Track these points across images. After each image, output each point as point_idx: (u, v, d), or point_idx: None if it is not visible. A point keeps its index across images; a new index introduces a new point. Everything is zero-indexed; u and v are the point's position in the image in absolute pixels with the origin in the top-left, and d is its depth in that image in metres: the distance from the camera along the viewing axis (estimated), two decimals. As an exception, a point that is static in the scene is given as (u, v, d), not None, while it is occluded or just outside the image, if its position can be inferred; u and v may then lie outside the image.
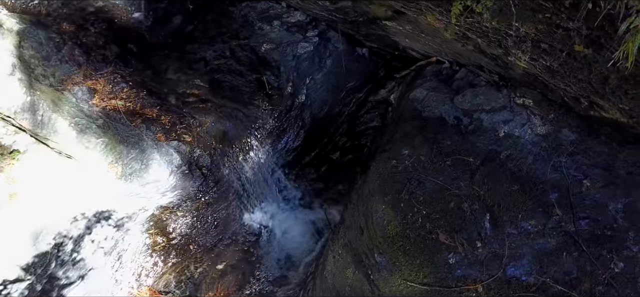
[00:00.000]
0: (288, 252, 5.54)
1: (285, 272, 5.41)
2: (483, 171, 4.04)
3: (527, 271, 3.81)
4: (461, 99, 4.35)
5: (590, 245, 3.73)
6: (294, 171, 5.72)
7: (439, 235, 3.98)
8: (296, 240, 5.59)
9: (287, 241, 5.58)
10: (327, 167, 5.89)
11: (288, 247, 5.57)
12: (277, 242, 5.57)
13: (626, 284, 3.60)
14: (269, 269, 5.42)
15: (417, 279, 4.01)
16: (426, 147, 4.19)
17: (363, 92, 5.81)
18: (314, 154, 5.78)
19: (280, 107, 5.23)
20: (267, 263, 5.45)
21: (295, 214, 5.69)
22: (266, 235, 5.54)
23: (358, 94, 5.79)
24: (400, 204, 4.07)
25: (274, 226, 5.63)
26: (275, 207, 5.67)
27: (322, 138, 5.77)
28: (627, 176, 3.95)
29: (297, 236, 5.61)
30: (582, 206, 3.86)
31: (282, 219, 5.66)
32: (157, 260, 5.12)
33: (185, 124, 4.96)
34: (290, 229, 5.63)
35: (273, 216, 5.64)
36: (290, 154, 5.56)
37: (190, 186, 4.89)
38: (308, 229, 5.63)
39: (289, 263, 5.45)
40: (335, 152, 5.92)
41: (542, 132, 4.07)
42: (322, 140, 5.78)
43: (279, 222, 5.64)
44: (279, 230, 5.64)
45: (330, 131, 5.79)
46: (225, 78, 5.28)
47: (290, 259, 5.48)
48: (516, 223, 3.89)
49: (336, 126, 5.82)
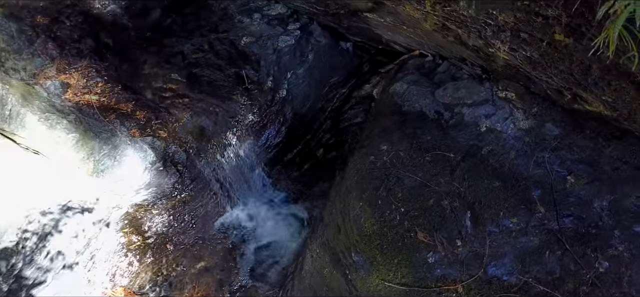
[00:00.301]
0: (269, 251, 5.39)
1: (266, 272, 5.26)
2: (464, 167, 3.89)
3: (509, 271, 3.67)
4: (442, 92, 4.20)
5: (574, 244, 3.59)
6: (275, 168, 5.56)
7: (417, 233, 3.84)
8: (277, 239, 5.44)
9: (268, 239, 5.43)
10: (310, 165, 5.74)
11: (269, 246, 5.42)
12: (258, 241, 5.42)
13: (611, 284, 3.46)
14: (249, 268, 5.27)
15: (395, 279, 3.86)
16: (405, 143, 4.04)
17: (347, 87, 5.66)
18: (297, 151, 5.63)
19: (260, 102, 5.08)
20: (247, 262, 5.30)
21: (276, 213, 5.54)
22: (246, 234, 5.39)
23: (342, 89, 5.64)
24: (378, 201, 3.92)
25: (255, 225, 5.49)
26: (256, 205, 5.52)
27: (305, 134, 5.61)
28: (613, 171, 3.80)
29: (278, 234, 5.46)
30: (565, 203, 3.72)
31: (263, 218, 5.51)
32: (133, 259, 4.98)
33: (161, 120, 4.81)
34: (272, 228, 5.48)
35: (254, 214, 5.50)
36: (272, 150, 5.41)
37: (165, 183, 4.74)
38: (290, 228, 5.49)
39: (270, 262, 5.31)
40: (318, 149, 5.77)
41: (525, 127, 3.92)
42: (305, 137, 5.63)
43: (259, 220, 5.49)
44: (260, 229, 5.49)
45: (314, 127, 5.63)
46: (203, 72, 5.13)
47: (271, 258, 5.34)
48: (498, 221, 3.75)
49: (319, 122, 5.67)
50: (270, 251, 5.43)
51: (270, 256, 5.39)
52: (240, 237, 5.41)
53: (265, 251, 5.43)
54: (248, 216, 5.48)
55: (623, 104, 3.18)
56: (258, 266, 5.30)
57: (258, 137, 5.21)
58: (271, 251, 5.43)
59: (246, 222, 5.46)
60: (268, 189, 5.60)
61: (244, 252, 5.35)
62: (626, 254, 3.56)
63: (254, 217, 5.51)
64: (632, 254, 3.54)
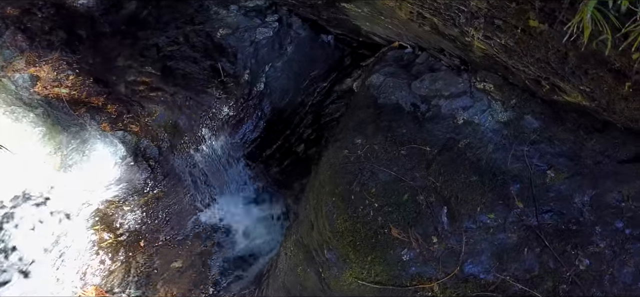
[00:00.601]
0: (246, 249, 5.25)
1: (243, 270, 5.11)
2: (440, 161, 3.74)
3: (486, 269, 3.53)
4: (419, 84, 4.06)
5: (553, 240, 3.44)
6: (254, 164, 5.42)
7: (391, 229, 3.69)
8: (255, 236, 5.30)
9: (245, 237, 5.29)
10: (291, 161, 5.60)
11: (246, 244, 5.28)
12: (235, 239, 5.28)
13: (592, 282, 3.31)
14: (226, 266, 5.13)
15: (368, 277, 3.72)
16: (380, 136, 3.90)
17: (328, 81, 5.52)
18: (277, 146, 5.48)
19: (236, 95, 4.94)
20: (224, 261, 5.16)
21: (254, 210, 5.40)
22: (223, 231, 5.25)
23: (322, 83, 5.50)
24: (351, 196, 3.78)
25: (232, 222, 5.34)
26: (234, 202, 5.37)
27: (285, 130, 5.47)
28: (595, 165, 3.66)
29: (256, 232, 5.32)
30: (545, 198, 3.57)
31: (241, 215, 5.36)
32: (105, 258, 4.83)
33: (133, 114, 4.68)
34: (249, 225, 5.33)
35: (231, 212, 5.35)
36: (250, 146, 5.27)
37: (136, 179, 4.60)
38: (268, 226, 5.34)
39: (247, 260, 5.16)
40: (299, 144, 5.62)
41: (503, 119, 3.78)
42: (285, 132, 5.48)
43: (237, 218, 5.35)
44: (237, 226, 5.35)
45: (294, 122, 5.49)
46: (178, 65, 4.99)
47: (249, 256, 5.19)
48: (474, 217, 3.60)
49: (300, 117, 5.52)
50: (247, 250, 5.29)
51: (248, 254, 5.24)
52: (216, 235, 5.26)
53: (243, 249, 5.29)
54: (225, 213, 5.34)
55: (601, 94, 3.04)
56: (235, 265, 5.15)
57: (235, 132, 5.06)
58: (248, 250, 5.28)
59: (223, 220, 5.31)
60: (246, 186, 5.45)
61: (222, 250, 5.20)
62: (608, 251, 3.40)
63: (231, 214, 5.36)
64: (614, 251, 3.40)
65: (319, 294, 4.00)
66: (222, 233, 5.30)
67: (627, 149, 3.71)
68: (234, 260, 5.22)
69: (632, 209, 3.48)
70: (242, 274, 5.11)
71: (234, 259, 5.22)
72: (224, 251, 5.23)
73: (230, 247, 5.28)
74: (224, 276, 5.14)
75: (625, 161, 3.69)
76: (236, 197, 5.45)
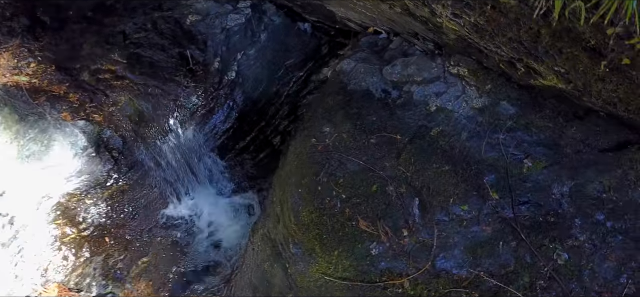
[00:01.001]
0: (217, 245, 5.04)
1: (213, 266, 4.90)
2: (411, 150, 3.54)
3: (459, 263, 3.33)
4: (390, 69, 3.85)
5: (530, 233, 3.25)
6: (226, 157, 5.20)
7: (359, 222, 3.48)
8: (226, 232, 5.08)
9: (217, 232, 5.07)
10: (266, 154, 5.39)
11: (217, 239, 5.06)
12: (206, 234, 5.07)
13: (571, 277, 3.13)
14: (195, 263, 4.92)
15: (335, 272, 3.51)
16: (349, 124, 3.69)
17: (304, 70, 5.30)
18: (251, 138, 5.27)
19: (205, 84, 4.72)
20: (194, 257, 4.95)
21: (226, 204, 5.19)
22: (194, 226, 5.03)
23: (298, 72, 5.28)
24: (318, 187, 3.57)
25: (203, 217, 5.13)
26: (205, 196, 5.16)
27: (260, 121, 5.26)
28: (575, 155, 3.46)
29: (227, 227, 5.11)
30: (522, 188, 3.38)
31: (212, 209, 5.15)
32: (68, 253, 4.61)
33: (97, 103, 4.46)
34: (221, 220, 5.12)
35: (201, 206, 5.13)
36: (221, 137, 5.05)
37: (98, 171, 4.38)
38: (241, 221, 5.13)
39: (218, 256, 4.95)
40: (275, 136, 5.41)
41: (478, 105, 3.57)
42: (260, 124, 5.27)
43: (208, 212, 5.13)
44: (209, 221, 5.13)
45: (269, 113, 5.28)
46: (145, 53, 4.77)
47: (219, 251, 4.98)
48: (447, 208, 3.40)
49: (275, 108, 5.31)
50: (218, 245, 5.07)
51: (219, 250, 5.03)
52: (186, 230, 5.05)
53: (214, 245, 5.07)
54: (195, 208, 5.12)
55: (577, 75, 2.84)
56: (205, 261, 4.94)
57: (204, 122, 4.84)
58: (220, 245, 5.07)
59: (193, 214, 5.10)
60: (218, 179, 5.23)
61: (192, 246, 4.99)
62: (587, 244, 3.21)
63: (202, 209, 5.15)
64: (594, 244, 3.21)
65: (286, 291, 3.78)
66: (192, 228, 5.09)
67: (609, 137, 3.52)
68: (205, 256, 5.01)
69: (614, 200, 3.29)
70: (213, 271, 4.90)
71: (204, 256, 5.01)
72: (195, 247, 5.02)
73: (201, 243, 5.06)
74: (194, 272, 4.93)
75: (607, 149, 3.51)
76: (208, 190, 5.23)
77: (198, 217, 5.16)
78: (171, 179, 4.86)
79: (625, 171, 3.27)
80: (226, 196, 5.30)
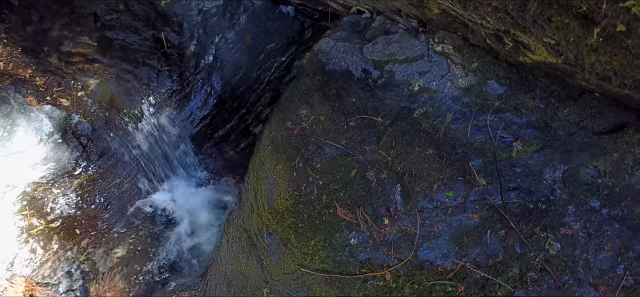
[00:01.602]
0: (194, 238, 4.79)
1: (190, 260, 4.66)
2: (392, 133, 3.30)
3: (444, 254, 3.11)
4: (371, 48, 3.61)
5: (520, 222, 3.03)
6: (205, 146, 4.96)
7: (337, 209, 3.24)
8: (204, 224, 4.84)
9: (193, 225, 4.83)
10: (247, 143, 5.14)
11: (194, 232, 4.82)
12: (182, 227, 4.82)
13: (564, 268, 2.93)
14: (171, 257, 4.68)
15: (312, 264, 3.27)
16: (327, 106, 3.45)
17: (287, 55, 5.06)
18: (230, 126, 5.02)
19: (180, 68, 4.48)
20: (170, 250, 4.71)
21: (204, 195, 4.95)
22: (170, 219, 4.79)
23: (281, 57, 5.04)
24: (293, 173, 3.33)
25: (180, 209, 4.88)
26: (181, 186, 4.91)
27: (240, 108, 5.01)
28: (568, 137, 3.23)
29: (205, 220, 4.86)
30: (511, 174, 3.16)
31: (189, 201, 4.90)
32: (36, 246, 4.37)
33: (64, 87, 4.22)
34: (198, 213, 4.88)
35: (178, 197, 4.89)
36: (198, 125, 4.81)
37: (65, 158, 4.14)
38: (219, 213, 4.88)
39: (194, 250, 4.71)
40: (256, 125, 5.17)
41: (464, 85, 3.34)
42: (240, 111, 5.03)
43: (185, 204, 4.89)
44: (185, 213, 4.89)
45: (250, 100, 5.04)
46: (117, 35, 4.53)
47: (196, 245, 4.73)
48: (431, 195, 3.17)
49: (257, 95, 5.07)
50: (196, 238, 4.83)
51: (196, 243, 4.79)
52: (162, 223, 4.80)
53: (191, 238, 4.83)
54: (172, 199, 4.87)
55: (568, 46, 2.60)
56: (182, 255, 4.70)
57: (180, 109, 4.60)
58: (197, 238, 4.82)
59: (170, 206, 4.85)
60: (196, 169, 4.99)
61: (167, 240, 4.74)
62: (581, 233, 3.00)
63: (179, 200, 4.90)
64: (588, 233, 2.99)
65: (261, 285, 3.55)
66: (168, 220, 4.85)
67: (604, 119, 3.28)
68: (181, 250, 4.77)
69: (609, 186, 3.06)
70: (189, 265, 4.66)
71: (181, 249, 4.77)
72: (171, 240, 4.78)
73: (177, 236, 4.82)
74: (169, 266, 4.69)
75: (602, 132, 3.28)
76: (185, 181, 4.99)
77: (174, 209, 4.92)
78: (146, 168, 4.62)
79: (622, 154, 3.04)
80: (204, 187, 5.06)
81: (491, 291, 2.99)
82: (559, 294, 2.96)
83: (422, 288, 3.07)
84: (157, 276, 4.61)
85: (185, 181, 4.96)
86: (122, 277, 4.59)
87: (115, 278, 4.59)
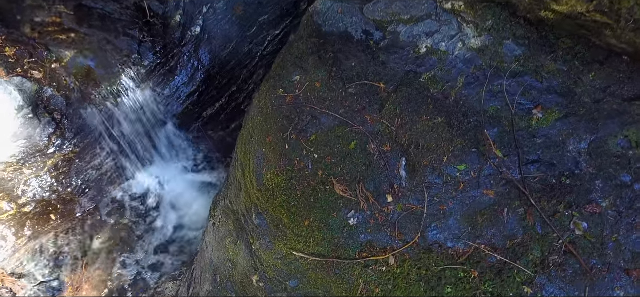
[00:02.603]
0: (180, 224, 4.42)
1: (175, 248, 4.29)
2: (396, 100, 2.93)
3: (455, 235, 2.77)
4: (373, 7, 3.24)
5: (541, 198, 2.69)
6: (193, 125, 4.59)
7: (334, 186, 2.87)
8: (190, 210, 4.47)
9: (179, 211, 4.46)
10: (238, 123, 4.78)
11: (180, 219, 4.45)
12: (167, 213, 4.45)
13: (591, 251, 2.60)
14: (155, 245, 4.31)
15: (307, 248, 2.91)
16: (323, 71, 3.09)
17: (281, 28, 4.69)
18: (220, 105, 4.65)
19: (165, 39, 4.12)
20: (154, 238, 4.33)
21: (191, 180, 4.57)
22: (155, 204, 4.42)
23: (274, 30, 4.68)
24: (285, 145, 2.97)
25: (166, 193, 4.51)
26: (166, 170, 4.55)
27: (230, 86, 4.65)
28: (594, 104, 2.88)
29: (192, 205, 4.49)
30: (531, 145, 2.82)
31: (177, 185, 4.53)
32: (7, 233, 4.01)
33: (37, 58, 3.86)
34: (185, 198, 4.51)
35: (164, 181, 4.52)
36: (185, 102, 4.45)
37: (37, 135, 3.77)
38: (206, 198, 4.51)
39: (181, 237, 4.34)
40: (248, 104, 4.78)
41: (477, 46, 2.97)
42: (230, 89, 4.66)
43: (172, 188, 4.52)
44: (170, 198, 4.52)
45: (241, 77, 4.67)
46: (95, 3, 4.17)
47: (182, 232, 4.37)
48: (440, 169, 2.81)
49: (248, 71, 4.70)
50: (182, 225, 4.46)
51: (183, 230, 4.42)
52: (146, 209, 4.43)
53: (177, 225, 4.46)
54: (157, 183, 4.51)
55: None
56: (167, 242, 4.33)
57: (165, 84, 4.23)
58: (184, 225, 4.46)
59: (154, 191, 4.49)
60: (183, 151, 4.62)
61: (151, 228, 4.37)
62: (611, 211, 2.63)
63: (165, 184, 4.53)
64: (619, 211, 2.66)
65: (250, 273, 3.18)
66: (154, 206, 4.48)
67: (635, 85, 2.94)
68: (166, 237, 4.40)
69: (642, 158, 2.69)
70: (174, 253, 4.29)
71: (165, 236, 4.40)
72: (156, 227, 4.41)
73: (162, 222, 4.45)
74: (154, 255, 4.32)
75: (633, 98, 2.91)
76: (171, 164, 4.63)
77: (160, 194, 4.55)
78: (128, 149, 4.25)
79: (657, 122, 2.68)
80: (191, 171, 4.69)
81: (509, 277, 2.65)
82: (586, 280, 2.60)
83: (430, 274, 2.72)
84: (140, 265, 4.24)
85: (172, 164, 4.60)
86: (101, 267, 4.22)
87: (94, 268, 4.22)
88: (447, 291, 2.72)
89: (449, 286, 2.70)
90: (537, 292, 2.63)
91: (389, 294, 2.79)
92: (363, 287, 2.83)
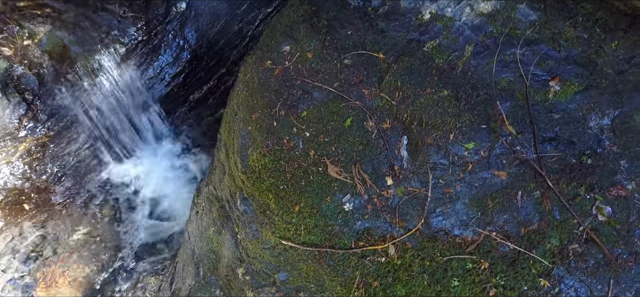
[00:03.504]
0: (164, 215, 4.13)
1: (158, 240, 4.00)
2: (397, 71, 2.64)
3: (462, 221, 2.52)
4: (371, -29, 2.94)
5: (560, 180, 2.49)
6: (178, 109, 4.29)
7: (328, 167, 2.57)
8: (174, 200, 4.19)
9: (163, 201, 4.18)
10: (228, 109, 4.46)
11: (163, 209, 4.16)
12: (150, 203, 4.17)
13: (616, 238, 2.41)
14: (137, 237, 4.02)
15: (297, 236, 2.61)
16: (315, 40, 2.78)
17: (273, 6, 4.40)
18: (208, 88, 4.36)
19: (147, 15, 3.82)
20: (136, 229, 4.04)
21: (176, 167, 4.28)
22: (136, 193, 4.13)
23: (266, 8, 4.39)
24: (273, 122, 2.66)
25: (149, 181, 4.22)
26: (150, 157, 4.26)
27: (218, 67, 4.35)
28: (618, 76, 2.62)
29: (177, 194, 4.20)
30: (547, 121, 2.57)
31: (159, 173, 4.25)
32: (-25, 224, 3.70)
33: (8, 34, 3.56)
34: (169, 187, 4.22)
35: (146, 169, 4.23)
36: (170, 84, 4.16)
37: (7, 116, 3.47)
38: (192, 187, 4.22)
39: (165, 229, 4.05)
40: (239, 88, 4.48)
41: (486, 10, 2.69)
42: (219, 71, 4.36)
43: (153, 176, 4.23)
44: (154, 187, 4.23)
45: (230, 58, 4.38)
46: (72, -24, 3.85)
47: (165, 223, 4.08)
48: (446, 148, 2.53)
49: (238, 52, 4.42)
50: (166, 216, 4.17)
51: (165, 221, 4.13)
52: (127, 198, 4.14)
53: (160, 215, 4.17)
54: (139, 171, 4.22)
55: None
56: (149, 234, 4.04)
57: (148, 64, 3.94)
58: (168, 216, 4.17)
59: (136, 179, 4.20)
60: (167, 137, 4.33)
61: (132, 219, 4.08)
62: (637, 194, 2.38)
63: (147, 173, 4.24)
64: (647, 195, 2.36)
65: (236, 265, 2.87)
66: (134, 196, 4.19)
67: (663, 54, 2.62)
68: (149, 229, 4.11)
69: (672, 135, 2.41)
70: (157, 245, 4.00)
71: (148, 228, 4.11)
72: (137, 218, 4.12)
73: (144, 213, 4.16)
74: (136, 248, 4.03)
75: (661, 69, 2.62)
76: (154, 150, 4.34)
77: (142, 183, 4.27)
78: (107, 134, 3.96)
79: (688, 95, 2.40)
80: (176, 158, 4.40)
81: (523, 268, 2.38)
82: (610, 271, 2.32)
83: (434, 265, 2.43)
84: (121, 259, 3.94)
85: (155, 150, 4.31)
86: (79, 262, 3.93)
87: (70, 262, 3.93)
88: (453, 284, 2.43)
89: (455, 279, 2.41)
90: (554, 285, 2.38)
91: (389, 288, 2.49)
92: (359, 280, 2.54)
